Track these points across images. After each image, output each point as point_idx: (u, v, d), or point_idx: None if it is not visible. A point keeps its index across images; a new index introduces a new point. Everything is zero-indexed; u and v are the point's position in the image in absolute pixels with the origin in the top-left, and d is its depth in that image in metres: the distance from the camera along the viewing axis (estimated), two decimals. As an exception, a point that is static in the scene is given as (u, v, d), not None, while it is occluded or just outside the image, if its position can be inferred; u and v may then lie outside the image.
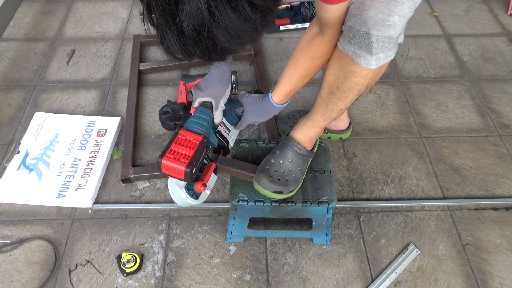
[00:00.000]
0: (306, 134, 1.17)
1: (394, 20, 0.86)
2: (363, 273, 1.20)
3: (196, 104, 1.10)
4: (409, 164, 1.46)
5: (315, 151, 1.21)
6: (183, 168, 0.87)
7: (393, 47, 0.93)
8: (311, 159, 1.20)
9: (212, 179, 1.03)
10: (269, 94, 1.14)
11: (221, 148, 1.07)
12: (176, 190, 0.94)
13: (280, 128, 1.51)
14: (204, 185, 0.95)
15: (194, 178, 0.93)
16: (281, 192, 1.11)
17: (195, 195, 0.98)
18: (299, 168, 1.15)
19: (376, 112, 1.63)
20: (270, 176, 1.11)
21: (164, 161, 0.89)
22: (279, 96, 1.12)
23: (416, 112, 1.63)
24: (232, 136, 1.12)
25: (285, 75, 1.10)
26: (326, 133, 1.49)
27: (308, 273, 1.19)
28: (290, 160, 1.15)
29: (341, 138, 1.52)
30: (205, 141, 0.93)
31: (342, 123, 1.49)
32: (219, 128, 1.09)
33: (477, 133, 1.56)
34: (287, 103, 1.15)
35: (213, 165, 1.00)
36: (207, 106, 1.07)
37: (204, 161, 0.98)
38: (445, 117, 1.62)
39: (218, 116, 1.10)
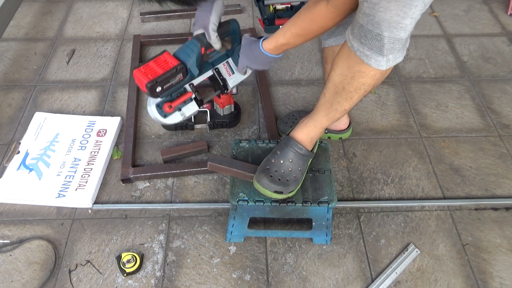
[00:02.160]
0: (307, 134, 1.16)
1: (406, 22, 0.86)
2: (363, 273, 1.20)
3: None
4: (409, 164, 1.46)
5: (315, 151, 1.21)
6: (145, 81, 0.97)
7: (402, 49, 0.93)
8: (311, 159, 1.20)
9: (190, 108, 1.07)
10: (261, 39, 1.13)
11: (219, 86, 1.10)
12: (150, 105, 1.05)
13: (280, 128, 1.51)
14: (171, 107, 1.03)
15: (166, 99, 1.02)
16: (281, 192, 1.10)
17: (164, 114, 1.05)
18: (299, 168, 1.14)
19: (376, 112, 1.63)
20: (271, 176, 1.10)
21: (136, 72, 1.00)
22: (269, 44, 1.11)
23: (416, 112, 1.63)
24: (233, 78, 1.11)
25: (283, 27, 1.09)
26: (326, 133, 1.49)
27: (308, 273, 1.19)
28: (290, 160, 1.14)
29: (341, 138, 1.52)
30: (179, 67, 0.98)
31: (342, 123, 1.49)
32: (220, 66, 1.10)
33: (477, 133, 1.56)
34: (277, 56, 1.12)
35: (189, 94, 1.04)
36: (199, 39, 1.08)
37: (188, 88, 1.06)
38: (445, 117, 1.62)
39: (215, 43, 1.09)
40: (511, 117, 1.62)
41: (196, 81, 1.06)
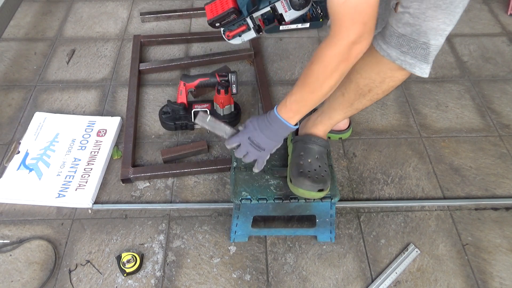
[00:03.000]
0: (324, 131, 1.19)
1: (450, 29, 0.89)
2: (363, 273, 1.20)
3: None
4: (409, 164, 1.46)
5: (328, 142, 1.23)
6: (207, 19, 1.22)
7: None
8: (327, 151, 1.21)
9: (249, 34, 1.26)
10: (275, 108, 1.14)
11: (276, 19, 1.23)
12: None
13: None
14: (229, 36, 1.26)
15: (227, 28, 1.25)
16: (322, 190, 1.09)
17: (227, 39, 1.28)
18: (325, 163, 1.15)
19: (376, 112, 1.63)
20: (309, 177, 1.08)
21: (206, 7, 1.24)
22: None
23: (416, 112, 1.63)
24: (290, 14, 1.21)
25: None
26: None
27: (308, 273, 1.19)
28: (316, 157, 1.14)
29: (341, 138, 1.52)
30: (231, 11, 1.19)
31: (342, 123, 1.49)
32: (277, 3, 1.19)
33: (477, 133, 1.56)
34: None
35: (243, 27, 1.24)
36: None
37: (246, 22, 1.23)
38: (445, 117, 1.62)
39: None
40: (511, 117, 1.62)
41: (256, 15, 1.22)
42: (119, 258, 1.19)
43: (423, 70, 0.95)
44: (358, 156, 1.48)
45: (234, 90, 1.47)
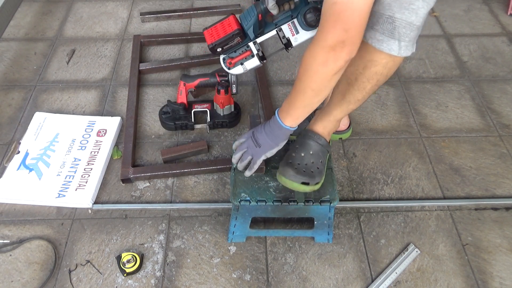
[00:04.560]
0: (324, 127, 1.17)
1: (418, 4, 0.86)
2: (363, 273, 1.20)
3: None
4: (409, 164, 1.46)
5: (331, 145, 1.22)
6: (208, 43, 1.16)
7: (412, 39, 0.93)
8: (329, 155, 1.19)
9: (252, 62, 1.20)
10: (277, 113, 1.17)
11: (285, 45, 1.18)
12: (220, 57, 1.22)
13: None
14: (231, 63, 1.19)
15: (229, 55, 1.19)
16: (308, 184, 1.09)
17: (228, 67, 1.22)
18: (320, 161, 1.14)
19: (376, 112, 1.63)
20: (295, 168, 1.09)
21: (205, 32, 1.18)
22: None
23: (416, 112, 1.63)
24: (297, 37, 1.15)
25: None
26: None
27: (308, 273, 1.19)
28: (311, 152, 1.13)
29: (341, 138, 1.52)
30: (236, 33, 1.13)
31: (342, 123, 1.49)
32: (284, 26, 1.14)
33: (477, 133, 1.56)
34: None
35: (248, 53, 1.18)
36: (257, 5, 1.13)
37: (249, 47, 1.18)
38: (445, 117, 1.62)
39: (272, 9, 1.09)
40: (511, 117, 1.62)
41: (260, 40, 1.17)
42: (119, 258, 1.19)
43: (390, 47, 0.93)
44: (358, 156, 1.48)
45: (234, 90, 1.47)
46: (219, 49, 1.16)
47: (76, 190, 1.33)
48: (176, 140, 1.52)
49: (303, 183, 1.09)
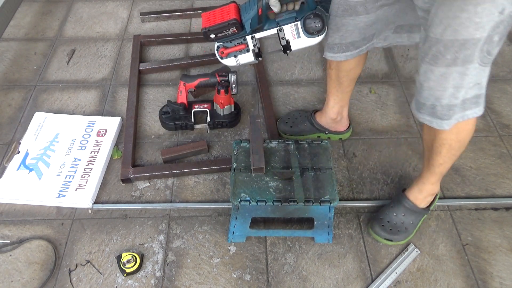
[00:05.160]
0: (419, 191, 1.23)
1: (448, 92, 0.96)
2: (363, 273, 1.20)
3: None
4: (409, 164, 1.46)
5: (432, 207, 1.27)
6: (202, 27, 1.10)
7: (460, 110, 0.99)
8: (425, 215, 1.27)
9: (246, 57, 1.16)
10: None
11: (282, 46, 1.14)
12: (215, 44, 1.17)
13: (279, 127, 1.51)
14: (223, 53, 1.15)
15: (223, 44, 1.13)
16: (391, 240, 1.23)
17: (220, 57, 1.17)
18: (411, 222, 1.24)
19: (376, 112, 1.63)
20: (383, 225, 1.24)
21: (203, 15, 1.12)
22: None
23: (416, 112, 1.63)
24: (298, 42, 1.12)
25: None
26: (326, 133, 1.49)
27: (308, 273, 1.19)
28: (403, 214, 1.24)
29: (340, 138, 1.52)
30: (232, 22, 1.07)
31: (342, 125, 1.49)
32: (286, 27, 1.10)
33: (477, 133, 1.56)
34: None
35: (242, 46, 1.13)
36: None
37: (246, 41, 1.13)
38: (445, 117, 1.62)
39: (273, 5, 1.06)
40: (511, 117, 1.61)
41: (258, 35, 1.12)
42: (119, 258, 1.19)
43: (441, 125, 1.01)
44: (358, 156, 1.48)
45: (234, 90, 1.47)
46: (212, 35, 1.10)
47: (76, 190, 1.33)
48: (176, 140, 1.52)
49: (386, 239, 1.23)
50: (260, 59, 1.17)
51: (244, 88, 1.70)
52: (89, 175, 1.37)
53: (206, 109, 1.52)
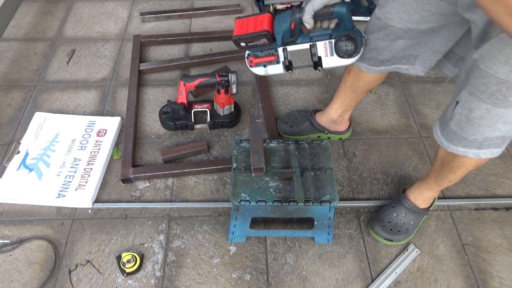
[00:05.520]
0: (420, 194, 1.24)
1: (499, 127, 0.91)
2: (363, 273, 1.20)
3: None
4: (409, 164, 1.46)
5: (432, 208, 1.27)
6: (233, 34, 1.09)
7: (501, 141, 0.95)
8: (425, 215, 1.27)
9: (275, 68, 1.14)
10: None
11: (313, 61, 1.12)
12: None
13: (279, 127, 1.51)
14: (252, 62, 1.14)
15: (253, 53, 1.12)
16: (391, 240, 1.23)
17: (249, 65, 1.16)
18: (411, 222, 1.24)
19: (376, 112, 1.63)
20: (383, 225, 1.24)
21: (236, 21, 1.12)
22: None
23: (416, 112, 1.63)
24: (330, 60, 1.09)
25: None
26: (326, 133, 1.49)
27: (308, 273, 1.19)
28: (403, 214, 1.24)
29: (341, 138, 1.52)
30: (263, 33, 1.06)
31: (342, 126, 1.49)
32: (319, 43, 1.07)
33: (477, 133, 1.56)
34: None
35: (272, 58, 1.12)
36: (293, 13, 1.07)
37: (277, 52, 1.11)
38: (445, 117, 1.62)
39: (306, 22, 1.03)
40: (511, 117, 1.61)
41: (290, 48, 1.09)
42: (119, 258, 1.19)
43: (477, 155, 0.97)
44: (358, 156, 1.48)
45: (234, 90, 1.47)
46: (242, 44, 1.10)
47: (76, 190, 1.33)
48: (176, 140, 1.52)
49: (386, 239, 1.23)
50: (290, 72, 1.16)
51: (244, 88, 1.70)
52: (89, 175, 1.37)
53: (206, 109, 1.52)
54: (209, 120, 1.51)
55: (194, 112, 1.51)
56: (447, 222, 1.30)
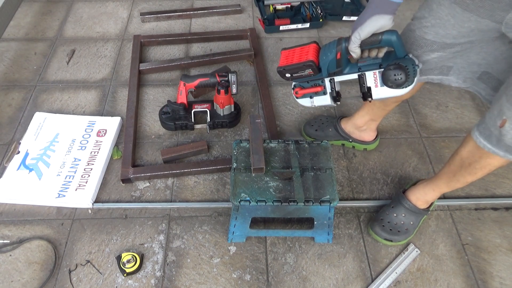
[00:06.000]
0: (423, 195, 1.23)
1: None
2: (363, 273, 1.20)
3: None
4: (409, 164, 1.46)
5: (431, 208, 1.27)
6: (278, 65, 1.09)
7: None
8: (425, 216, 1.27)
9: (321, 100, 1.11)
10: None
11: (361, 92, 1.06)
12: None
13: (305, 130, 1.50)
14: (297, 93, 1.13)
15: (299, 84, 1.12)
16: (391, 240, 1.24)
17: (295, 96, 1.16)
18: (411, 223, 1.25)
19: (376, 112, 1.63)
20: (383, 226, 1.24)
21: (283, 52, 1.10)
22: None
23: (416, 112, 1.63)
24: (380, 91, 1.03)
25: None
26: (350, 141, 1.47)
27: (308, 273, 1.19)
28: (403, 215, 1.25)
29: (365, 149, 1.49)
30: (307, 64, 1.04)
31: (368, 135, 1.46)
32: (369, 73, 1.02)
33: (477, 133, 1.56)
34: None
35: (318, 88, 1.09)
36: (339, 42, 1.02)
37: (323, 83, 1.09)
38: (445, 117, 1.62)
39: (352, 51, 0.98)
40: (511, 117, 1.61)
41: (337, 79, 1.06)
42: (119, 258, 1.19)
43: (509, 157, 0.93)
44: (358, 156, 1.48)
45: (234, 90, 1.47)
46: (288, 75, 1.08)
47: (76, 190, 1.33)
48: (176, 140, 1.52)
49: (386, 239, 1.24)
50: (338, 103, 1.11)
51: (244, 88, 1.70)
52: (89, 175, 1.37)
53: (206, 109, 1.52)
54: (209, 120, 1.51)
55: (194, 112, 1.51)
56: (447, 222, 1.30)
